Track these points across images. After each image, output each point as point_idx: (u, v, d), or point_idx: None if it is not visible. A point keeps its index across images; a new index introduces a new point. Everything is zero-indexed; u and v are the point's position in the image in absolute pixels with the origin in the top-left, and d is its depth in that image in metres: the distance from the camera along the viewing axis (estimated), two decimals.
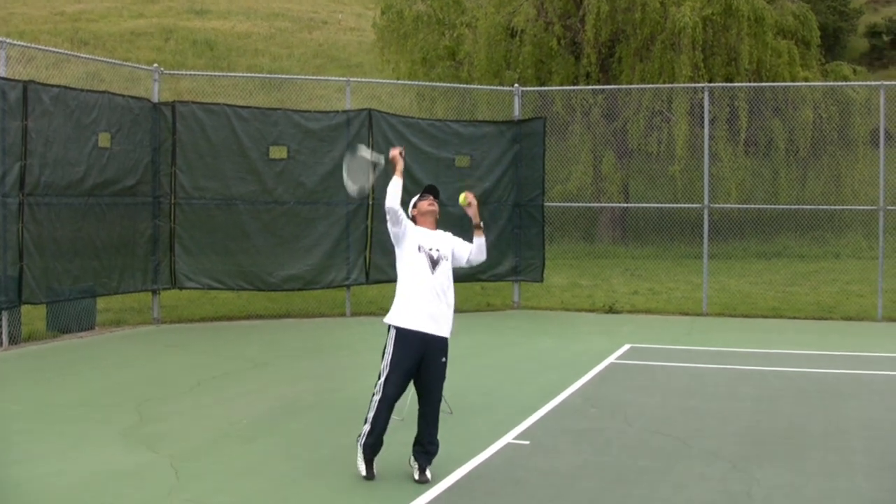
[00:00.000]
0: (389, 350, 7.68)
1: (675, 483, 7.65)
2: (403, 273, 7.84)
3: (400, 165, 7.83)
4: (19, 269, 13.96)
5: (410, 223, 7.99)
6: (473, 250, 8.13)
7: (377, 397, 7.64)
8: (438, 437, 7.81)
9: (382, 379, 7.65)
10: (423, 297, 7.67)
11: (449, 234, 8.12)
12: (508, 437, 9.00)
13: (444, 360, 7.78)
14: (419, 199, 8.05)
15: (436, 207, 8.00)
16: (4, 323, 13.89)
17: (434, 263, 7.75)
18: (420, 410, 7.85)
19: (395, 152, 7.93)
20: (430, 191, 8.08)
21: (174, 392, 11.16)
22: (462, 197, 8.08)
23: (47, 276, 14.51)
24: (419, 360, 7.66)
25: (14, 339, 14.07)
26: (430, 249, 7.81)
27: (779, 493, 7.42)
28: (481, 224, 8.13)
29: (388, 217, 7.87)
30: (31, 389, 11.45)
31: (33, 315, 15.20)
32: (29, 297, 14.21)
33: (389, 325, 7.76)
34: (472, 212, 8.09)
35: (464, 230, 17.77)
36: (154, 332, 15.89)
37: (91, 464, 8.14)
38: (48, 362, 13.15)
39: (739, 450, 8.64)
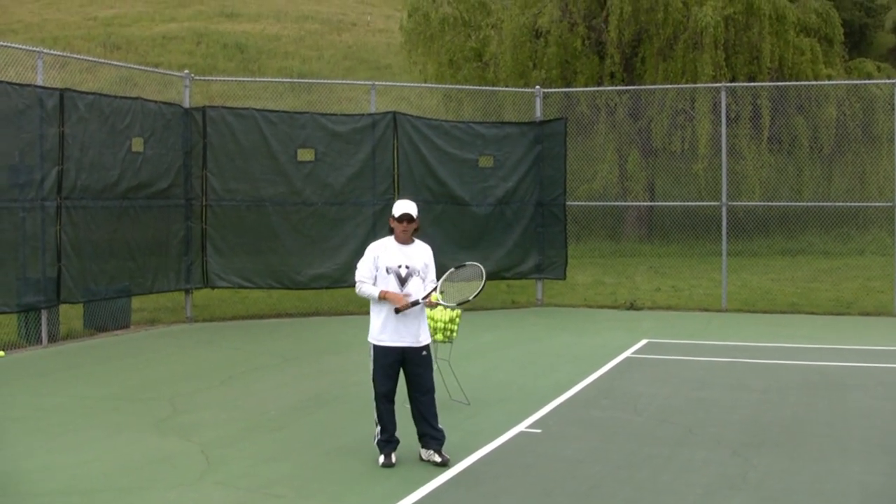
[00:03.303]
0: (371, 366, 8.34)
1: (677, 468, 8.08)
2: None
3: (395, 302, 8.17)
4: (57, 269, 14.55)
5: (375, 252, 8.36)
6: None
7: (375, 401, 8.28)
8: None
9: (372, 384, 8.30)
10: (392, 315, 8.20)
11: (427, 251, 8.51)
12: (521, 426, 9.46)
13: (425, 353, 8.34)
14: (396, 222, 8.32)
15: (409, 230, 8.33)
16: (44, 321, 14.46)
17: (403, 281, 8.24)
18: (413, 408, 8.38)
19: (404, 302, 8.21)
20: (406, 218, 8.29)
21: (206, 385, 11.69)
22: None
23: (84, 276, 15.09)
24: (401, 360, 8.29)
25: (53, 337, 14.64)
26: (399, 267, 8.26)
27: (774, 476, 7.84)
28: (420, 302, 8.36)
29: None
30: (69, 384, 12.02)
31: (71, 314, 15.77)
32: (67, 297, 14.79)
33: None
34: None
35: (488, 231, 18.22)
36: (187, 329, 16.43)
37: (126, 451, 8.68)
38: (85, 358, 13.72)
39: (741, 437, 9.05)
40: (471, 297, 8.64)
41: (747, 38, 28.99)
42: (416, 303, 8.25)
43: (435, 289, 8.46)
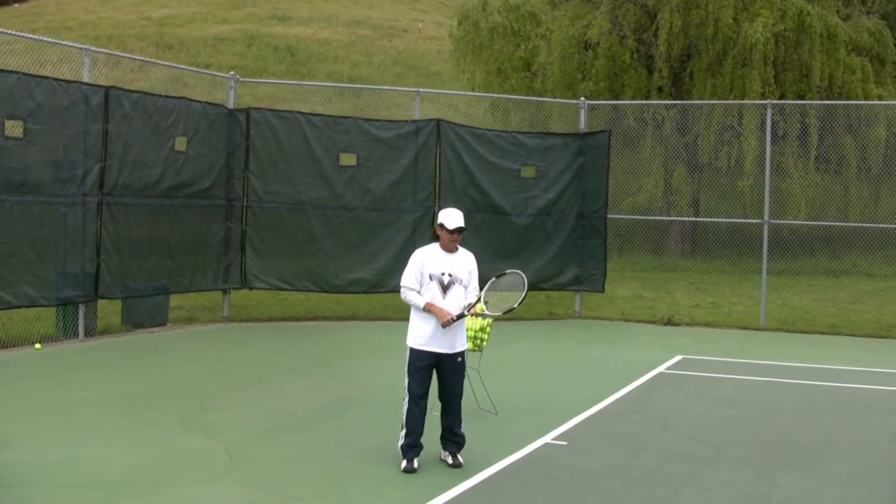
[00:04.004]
0: (406, 368, 8.38)
1: (700, 486, 8.02)
2: None
3: (439, 317, 8.23)
4: (96, 265, 14.70)
5: (421, 259, 8.42)
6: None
7: (406, 400, 8.33)
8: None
9: (406, 384, 8.35)
10: (437, 324, 8.26)
11: (471, 259, 8.58)
12: (547, 438, 9.43)
13: (460, 359, 8.41)
14: (447, 233, 8.35)
15: (458, 241, 8.43)
16: (81, 316, 14.61)
17: (445, 288, 8.31)
18: (442, 406, 8.49)
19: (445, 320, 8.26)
20: (458, 230, 8.35)
21: (236, 385, 11.75)
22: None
23: (123, 272, 15.22)
24: (436, 364, 8.35)
25: (90, 332, 14.79)
26: (442, 275, 8.35)
27: (797, 497, 7.77)
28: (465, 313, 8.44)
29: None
30: (102, 378, 12.14)
31: (108, 309, 15.90)
32: (105, 292, 14.93)
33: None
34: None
35: (527, 241, 18.16)
36: (223, 329, 16.53)
37: (150, 447, 8.75)
38: (120, 354, 13.84)
39: (768, 458, 8.97)
40: (515, 305, 8.64)
41: (797, 56, 28.72)
42: (461, 315, 8.29)
43: (479, 299, 8.46)
